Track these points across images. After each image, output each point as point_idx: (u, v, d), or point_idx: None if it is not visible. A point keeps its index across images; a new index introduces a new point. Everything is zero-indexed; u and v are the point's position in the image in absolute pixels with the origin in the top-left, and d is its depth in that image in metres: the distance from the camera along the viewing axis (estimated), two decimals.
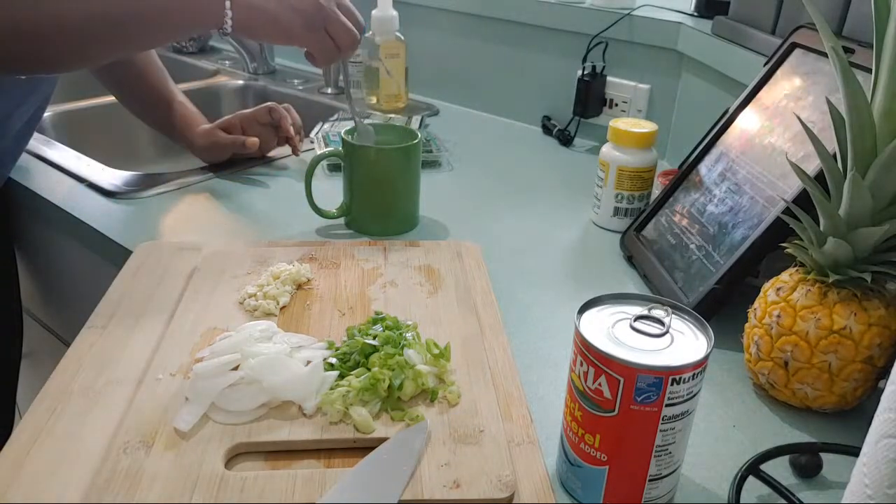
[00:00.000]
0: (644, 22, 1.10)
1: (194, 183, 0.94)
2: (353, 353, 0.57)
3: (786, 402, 0.59)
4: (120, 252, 0.78)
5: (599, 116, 1.18)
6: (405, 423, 0.52)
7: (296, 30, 0.75)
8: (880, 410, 0.36)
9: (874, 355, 0.55)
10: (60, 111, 1.22)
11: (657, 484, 0.47)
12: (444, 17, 1.33)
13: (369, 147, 0.82)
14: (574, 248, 0.85)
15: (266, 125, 1.00)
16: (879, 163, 0.51)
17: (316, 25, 0.75)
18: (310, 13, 0.75)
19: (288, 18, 0.74)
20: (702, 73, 1.03)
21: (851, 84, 0.51)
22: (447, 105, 1.37)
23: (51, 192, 0.89)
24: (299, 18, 0.74)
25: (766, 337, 0.58)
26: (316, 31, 0.76)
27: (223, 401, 0.53)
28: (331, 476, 0.48)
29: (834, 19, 0.76)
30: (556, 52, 1.21)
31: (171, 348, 0.59)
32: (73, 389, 0.55)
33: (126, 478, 0.47)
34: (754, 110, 0.78)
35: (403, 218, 0.86)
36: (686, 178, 0.82)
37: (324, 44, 0.77)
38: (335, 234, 0.83)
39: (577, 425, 0.47)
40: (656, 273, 0.75)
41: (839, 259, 0.55)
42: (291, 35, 0.76)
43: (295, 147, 1.00)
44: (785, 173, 0.67)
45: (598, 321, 0.47)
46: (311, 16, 0.75)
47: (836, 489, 0.51)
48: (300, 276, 0.70)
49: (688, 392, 0.44)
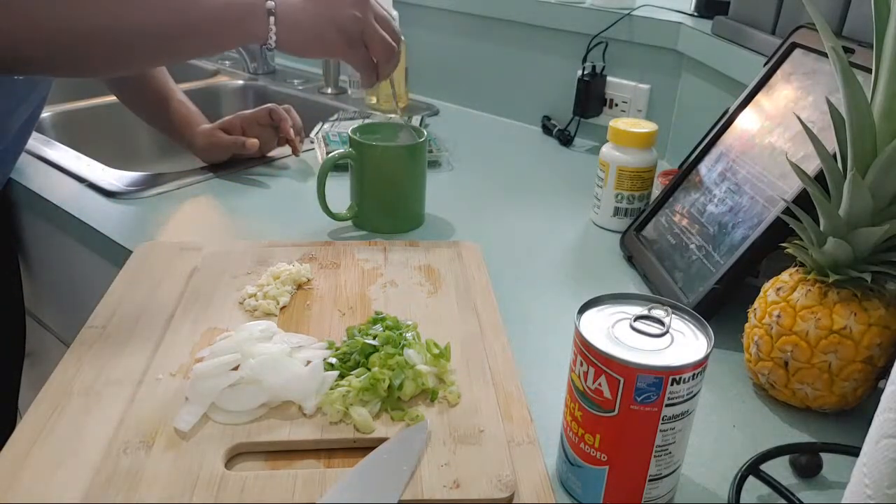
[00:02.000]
0: (644, 22, 1.10)
1: (194, 183, 0.94)
2: (353, 353, 0.57)
3: (786, 402, 0.59)
4: (120, 252, 0.78)
5: (599, 116, 1.19)
6: (405, 423, 0.52)
7: (337, 45, 0.76)
8: (880, 410, 0.36)
9: (874, 355, 0.55)
10: (60, 111, 1.22)
11: (657, 484, 0.47)
12: (444, 17, 1.33)
13: (378, 145, 0.83)
14: (574, 248, 0.85)
15: (266, 126, 1.00)
16: (879, 163, 0.51)
17: (355, 39, 0.76)
18: (350, 28, 0.75)
19: (330, 35, 0.75)
20: (702, 73, 1.03)
21: (851, 84, 0.51)
22: (447, 105, 1.37)
23: (51, 192, 0.89)
24: (340, 34, 0.75)
25: (766, 337, 0.58)
26: (356, 45, 0.77)
27: (223, 401, 0.53)
28: (331, 476, 0.48)
29: (834, 19, 0.76)
30: (556, 52, 1.21)
31: (171, 348, 0.59)
32: (73, 389, 0.55)
33: (126, 478, 0.47)
34: (754, 110, 0.78)
35: (412, 215, 0.87)
36: (686, 178, 0.82)
37: (364, 57, 0.78)
38: (336, 234, 0.83)
39: (577, 425, 0.47)
40: (656, 273, 0.75)
41: (839, 259, 0.55)
42: (333, 52, 0.77)
43: (295, 148, 1.00)
44: (785, 173, 0.67)
45: (598, 321, 0.47)
46: (350, 31, 0.75)
47: (836, 489, 0.51)
48: (300, 276, 0.70)
49: (688, 392, 0.44)
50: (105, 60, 0.71)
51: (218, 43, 0.74)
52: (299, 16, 0.74)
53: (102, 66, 0.74)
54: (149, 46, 0.70)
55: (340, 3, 0.75)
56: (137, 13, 0.67)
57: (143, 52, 0.71)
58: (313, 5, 0.74)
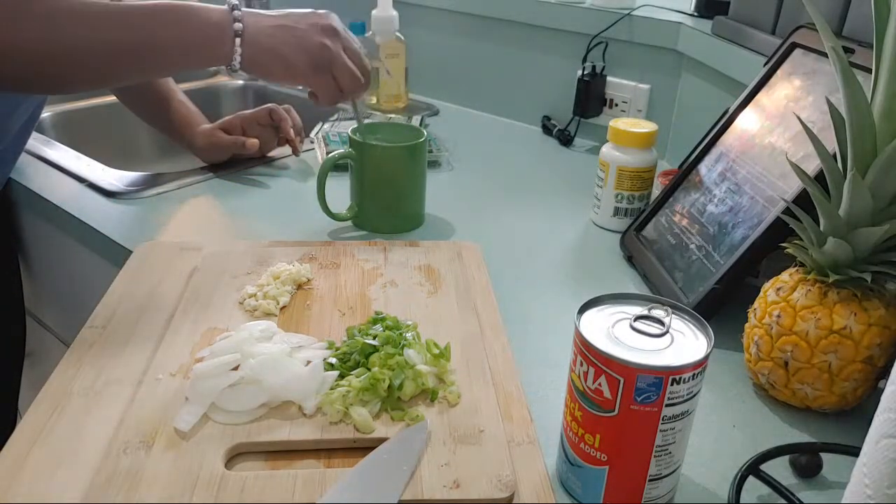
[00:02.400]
0: (644, 22, 1.10)
1: (194, 183, 0.94)
2: (353, 353, 0.57)
3: (786, 402, 0.59)
4: (120, 252, 0.78)
5: (599, 116, 1.18)
6: (405, 423, 0.52)
7: (302, 70, 0.76)
8: (880, 410, 0.36)
9: (874, 355, 0.55)
10: (60, 111, 1.22)
11: (657, 484, 0.47)
12: (444, 17, 1.33)
13: (378, 145, 0.82)
14: (574, 248, 0.85)
15: (266, 126, 1.00)
16: (879, 163, 0.51)
17: (322, 67, 0.77)
18: (317, 54, 0.76)
19: (295, 58, 0.75)
20: (702, 73, 1.03)
21: (851, 84, 0.51)
22: (447, 105, 1.37)
23: (51, 192, 0.89)
24: (306, 59, 0.75)
25: (766, 337, 0.58)
26: (322, 72, 0.77)
27: (223, 401, 0.53)
28: (331, 476, 0.48)
29: (834, 19, 0.76)
30: (556, 52, 1.21)
31: (171, 348, 0.59)
32: (73, 389, 0.55)
33: (126, 478, 0.47)
34: (754, 110, 0.78)
35: (412, 215, 0.87)
36: (686, 178, 0.82)
37: (328, 86, 0.78)
38: (336, 234, 0.83)
39: (577, 425, 0.47)
40: (656, 273, 0.75)
41: (839, 259, 0.55)
42: (297, 75, 0.77)
43: (295, 148, 1.00)
44: (785, 173, 0.67)
45: (598, 321, 0.47)
46: (317, 57, 0.76)
47: (836, 489, 0.51)
48: (300, 276, 0.70)
49: (688, 392, 0.44)
50: (76, 79, 0.73)
51: (184, 63, 0.75)
52: (266, 39, 0.74)
53: (74, 85, 0.76)
54: (119, 65, 0.72)
55: (310, 31, 0.76)
56: (111, 34, 0.69)
57: (115, 71, 0.73)
58: (282, 31, 0.75)
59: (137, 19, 0.70)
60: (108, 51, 0.70)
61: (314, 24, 0.76)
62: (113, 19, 0.69)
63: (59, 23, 0.67)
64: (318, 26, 0.76)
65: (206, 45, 0.73)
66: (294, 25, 0.75)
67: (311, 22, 0.76)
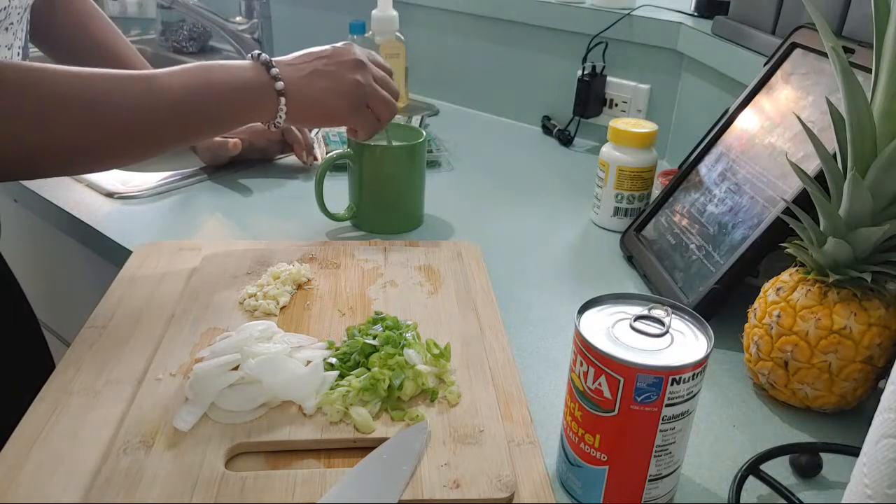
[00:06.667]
0: (644, 22, 1.10)
1: (194, 183, 0.94)
2: (353, 353, 0.57)
3: (786, 402, 0.59)
4: (120, 252, 0.78)
5: (599, 116, 1.18)
6: (405, 423, 0.52)
7: (342, 113, 0.77)
8: (880, 410, 0.36)
9: (874, 355, 0.55)
10: None
11: (657, 484, 0.47)
12: (444, 17, 1.33)
13: (376, 146, 0.82)
14: (574, 248, 0.85)
15: (274, 141, 1.01)
16: (879, 163, 0.51)
17: (359, 105, 0.77)
18: (352, 94, 0.76)
19: (335, 104, 0.76)
20: (702, 73, 1.03)
21: (851, 84, 0.51)
22: (447, 105, 1.37)
23: (51, 193, 0.89)
24: (345, 102, 0.76)
25: (766, 337, 0.58)
26: (360, 110, 0.77)
27: (223, 401, 0.53)
28: (331, 476, 0.48)
29: (834, 19, 0.76)
30: (556, 52, 1.21)
31: (171, 348, 0.59)
32: (73, 389, 0.55)
33: (126, 478, 0.47)
34: (754, 110, 0.78)
35: (410, 216, 0.86)
36: (686, 178, 0.82)
37: (367, 120, 0.79)
38: (336, 234, 0.83)
39: (577, 425, 0.47)
40: (656, 273, 0.75)
41: (839, 259, 0.55)
42: (337, 119, 0.78)
43: (304, 162, 1.01)
44: (785, 173, 0.67)
45: (598, 321, 0.47)
46: (353, 97, 0.76)
47: (836, 489, 0.51)
48: (300, 276, 0.70)
49: (688, 392, 0.44)
50: (131, 152, 0.68)
51: (230, 126, 0.75)
52: (307, 91, 0.74)
53: (124, 159, 0.70)
54: (171, 133, 0.69)
55: (341, 70, 0.75)
56: (161, 103, 0.66)
57: (167, 140, 0.70)
58: (317, 79, 0.74)
59: (166, 105, 0.66)
60: (161, 121, 0.67)
61: (342, 62, 0.76)
62: (145, 107, 0.65)
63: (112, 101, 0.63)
64: (346, 64, 0.76)
65: (254, 107, 0.72)
66: (325, 70, 0.75)
67: (338, 61, 0.76)
